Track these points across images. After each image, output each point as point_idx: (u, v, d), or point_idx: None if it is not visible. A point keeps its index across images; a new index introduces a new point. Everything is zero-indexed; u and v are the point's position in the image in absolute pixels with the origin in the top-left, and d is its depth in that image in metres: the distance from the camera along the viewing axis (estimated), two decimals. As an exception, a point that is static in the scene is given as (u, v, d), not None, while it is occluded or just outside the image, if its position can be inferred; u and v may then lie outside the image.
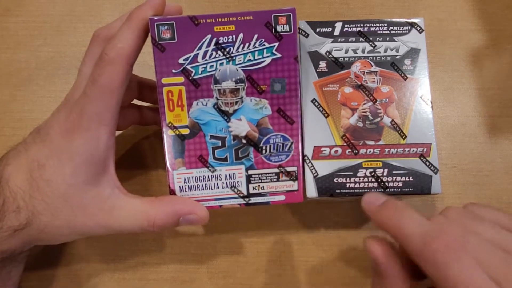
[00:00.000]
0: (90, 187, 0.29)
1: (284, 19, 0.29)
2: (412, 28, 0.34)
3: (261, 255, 0.38)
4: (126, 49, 0.28)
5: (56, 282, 0.37)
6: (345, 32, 0.34)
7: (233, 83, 0.30)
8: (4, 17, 0.42)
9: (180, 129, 0.30)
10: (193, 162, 0.31)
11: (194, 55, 0.30)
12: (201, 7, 0.43)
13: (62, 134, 0.28)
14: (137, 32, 0.28)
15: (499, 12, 0.42)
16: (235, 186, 0.31)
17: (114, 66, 0.28)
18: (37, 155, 0.28)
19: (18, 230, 0.28)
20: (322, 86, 0.33)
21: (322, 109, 0.32)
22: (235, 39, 0.29)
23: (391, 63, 0.33)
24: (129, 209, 0.29)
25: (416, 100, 0.33)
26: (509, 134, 0.40)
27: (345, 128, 0.32)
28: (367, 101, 0.33)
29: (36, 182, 0.28)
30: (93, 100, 0.28)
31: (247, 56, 0.30)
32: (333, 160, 0.32)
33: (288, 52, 0.30)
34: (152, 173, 0.40)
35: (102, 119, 0.28)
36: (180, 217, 0.30)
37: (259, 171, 0.31)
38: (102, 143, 0.28)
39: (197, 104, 0.30)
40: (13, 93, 0.41)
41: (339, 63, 0.33)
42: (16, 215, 0.27)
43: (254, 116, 0.30)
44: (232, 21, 0.29)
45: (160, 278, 0.38)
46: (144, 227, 0.29)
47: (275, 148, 0.31)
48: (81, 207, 0.28)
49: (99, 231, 0.29)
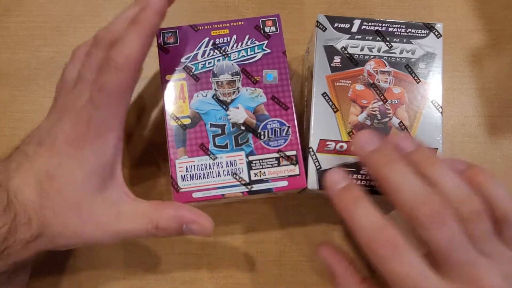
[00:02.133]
0: (98, 192, 0.28)
1: (271, 22, 0.33)
2: (430, 32, 0.33)
3: (261, 255, 0.38)
4: (134, 55, 0.27)
5: (56, 282, 0.37)
6: (362, 29, 0.33)
7: (230, 75, 0.32)
8: (4, 17, 0.42)
9: (182, 119, 0.32)
10: (195, 151, 0.31)
11: (194, 54, 0.33)
12: (201, 7, 0.42)
13: (70, 144, 0.27)
14: (145, 38, 0.28)
15: (499, 12, 0.42)
16: (236, 174, 0.31)
17: (122, 73, 0.27)
18: (45, 166, 0.27)
19: (30, 241, 0.27)
20: (334, 81, 0.33)
21: (332, 103, 0.32)
22: (229, 40, 0.33)
23: (405, 65, 0.33)
24: (135, 213, 0.29)
25: (426, 104, 0.32)
26: (509, 134, 0.40)
27: (352, 125, 0.32)
28: (378, 100, 0.32)
29: (47, 193, 0.27)
30: (100, 108, 0.27)
31: (241, 53, 0.33)
32: (337, 155, 0.32)
33: (276, 48, 0.33)
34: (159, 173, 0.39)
35: (111, 126, 0.28)
36: (184, 224, 0.29)
37: (259, 157, 0.31)
38: (111, 149, 0.28)
39: (198, 96, 0.32)
40: (13, 93, 0.40)
41: (353, 59, 0.33)
42: (28, 227, 0.27)
43: (250, 104, 0.32)
44: (226, 26, 0.33)
45: (160, 278, 0.37)
46: (149, 230, 0.29)
47: (273, 133, 0.32)
48: (89, 214, 0.28)
49: (106, 239, 0.29)
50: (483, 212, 0.25)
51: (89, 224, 0.28)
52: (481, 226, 0.25)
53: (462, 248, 0.24)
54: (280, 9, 0.42)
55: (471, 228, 0.25)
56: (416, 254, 0.24)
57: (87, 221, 0.28)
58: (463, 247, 0.24)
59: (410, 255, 0.24)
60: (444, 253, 0.24)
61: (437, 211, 0.24)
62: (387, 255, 0.24)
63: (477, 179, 0.26)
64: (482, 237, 0.25)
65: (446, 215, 0.24)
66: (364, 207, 0.26)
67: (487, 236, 0.25)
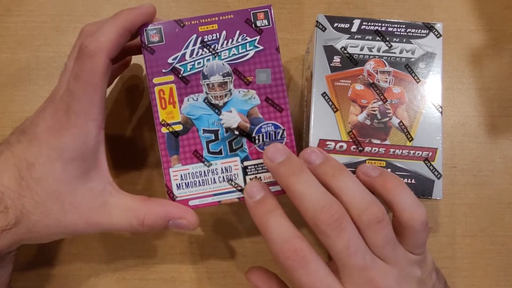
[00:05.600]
0: (81, 183, 0.28)
1: (262, 15, 0.30)
2: (430, 32, 0.33)
3: (261, 255, 0.37)
4: (106, 42, 0.27)
5: (56, 282, 0.36)
6: (362, 29, 0.33)
7: (221, 77, 0.30)
8: (4, 17, 0.41)
9: (173, 125, 0.30)
10: (188, 158, 0.30)
11: (182, 54, 0.30)
12: (201, 7, 0.41)
13: (50, 133, 0.27)
14: (120, 30, 0.28)
15: (499, 12, 0.41)
16: (232, 180, 0.30)
17: (94, 59, 0.27)
18: (24, 154, 0.27)
19: (6, 230, 0.27)
20: (334, 81, 0.32)
21: (331, 103, 0.32)
22: (219, 37, 0.30)
23: (405, 64, 0.32)
24: (120, 207, 0.28)
25: (426, 104, 0.32)
26: (509, 134, 0.39)
27: (352, 125, 0.31)
28: (377, 100, 0.32)
29: (26, 181, 0.27)
30: (77, 96, 0.27)
31: (232, 51, 0.30)
32: (337, 155, 0.31)
33: (269, 44, 0.31)
34: (153, 173, 0.38)
35: (89, 114, 0.27)
36: (170, 221, 0.29)
37: (254, 162, 0.30)
38: (91, 138, 0.28)
39: (188, 100, 0.30)
40: (13, 93, 0.39)
41: (353, 59, 0.32)
42: (3, 215, 0.26)
43: (243, 107, 0.30)
44: (215, 20, 0.30)
45: (160, 278, 0.37)
46: (133, 225, 0.28)
47: (267, 136, 0.30)
48: (72, 205, 0.27)
49: (88, 230, 0.28)
50: (382, 219, 0.26)
51: (71, 214, 0.27)
52: (381, 232, 0.26)
53: (359, 253, 0.25)
54: (280, 9, 0.41)
55: (370, 235, 0.26)
56: (323, 265, 0.25)
57: (69, 210, 0.27)
58: (360, 252, 0.25)
59: (316, 266, 0.25)
60: (342, 258, 0.25)
61: (336, 218, 0.25)
62: (294, 266, 0.25)
63: (388, 186, 0.27)
64: (381, 243, 0.26)
65: (344, 222, 0.25)
66: (275, 219, 0.27)
67: (387, 242, 0.26)
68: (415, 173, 0.30)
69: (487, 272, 0.37)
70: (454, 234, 0.38)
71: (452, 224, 0.38)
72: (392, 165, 0.31)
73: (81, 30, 0.31)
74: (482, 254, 0.37)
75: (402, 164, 0.31)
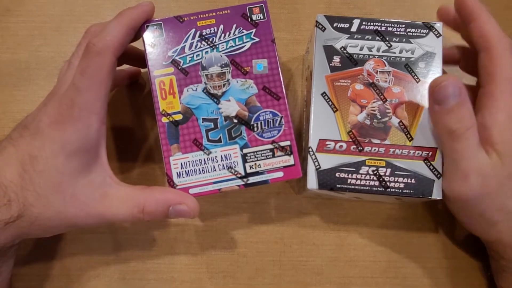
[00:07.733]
0: (82, 175, 0.28)
1: (258, 9, 0.32)
2: (430, 32, 0.32)
3: (261, 255, 0.37)
4: (114, 41, 0.28)
5: (56, 283, 0.36)
6: (362, 29, 0.32)
7: (219, 67, 0.31)
8: (4, 17, 0.40)
9: (174, 115, 0.30)
10: (188, 147, 0.30)
11: (181, 47, 0.31)
12: (201, 7, 0.41)
13: (52, 126, 0.27)
14: (125, 29, 0.29)
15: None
16: (231, 167, 0.30)
17: (101, 57, 0.28)
18: (27, 148, 0.27)
19: (9, 223, 0.27)
20: (333, 81, 0.32)
21: (331, 103, 0.31)
22: (216, 30, 0.31)
23: (405, 64, 0.32)
24: (120, 197, 0.29)
25: (426, 103, 0.31)
26: (509, 134, 0.39)
27: (352, 124, 0.31)
28: (377, 100, 0.31)
29: (28, 174, 0.27)
30: (82, 90, 0.27)
31: (229, 43, 0.31)
32: (337, 154, 0.31)
33: (265, 36, 0.31)
34: (155, 167, 0.38)
35: (92, 108, 0.28)
36: (170, 207, 0.29)
37: (253, 149, 0.30)
38: (93, 131, 0.28)
39: (188, 90, 0.31)
40: (13, 93, 0.39)
41: (353, 59, 0.32)
42: (7, 208, 0.26)
43: (242, 96, 0.31)
44: (212, 16, 0.31)
45: (160, 278, 0.36)
46: (134, 214, 0.28)
47: (266, 124, 0.30)
48: (73, 197, 0.28)
49: (90, 221, 0.28)
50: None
51: (72, 206, 0.28)
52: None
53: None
54: (280, 9, 0.41)
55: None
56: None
57: (70, 202, 0.28)
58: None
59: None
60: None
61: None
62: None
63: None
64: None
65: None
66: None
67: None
68: (415, 173, 0.30)
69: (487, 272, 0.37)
70: (454, 234, 0.37)
71: (452, 224, 0.37)
72: (392, 164, 0.30)
73: (87, 30, 0.31)
74: (482, 254, 0.37)
75: (402, 164, 0.30)
